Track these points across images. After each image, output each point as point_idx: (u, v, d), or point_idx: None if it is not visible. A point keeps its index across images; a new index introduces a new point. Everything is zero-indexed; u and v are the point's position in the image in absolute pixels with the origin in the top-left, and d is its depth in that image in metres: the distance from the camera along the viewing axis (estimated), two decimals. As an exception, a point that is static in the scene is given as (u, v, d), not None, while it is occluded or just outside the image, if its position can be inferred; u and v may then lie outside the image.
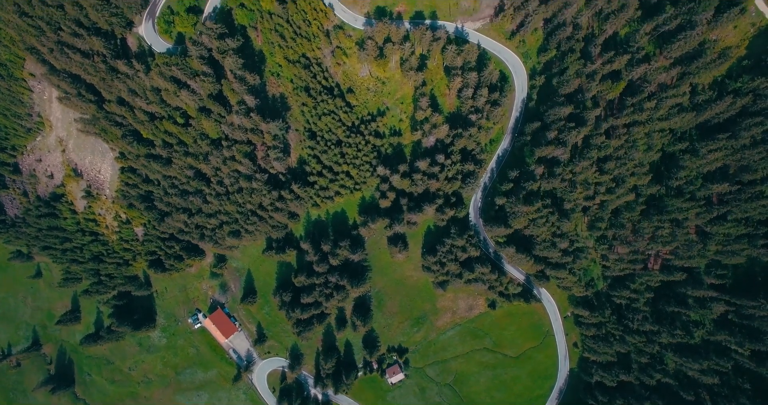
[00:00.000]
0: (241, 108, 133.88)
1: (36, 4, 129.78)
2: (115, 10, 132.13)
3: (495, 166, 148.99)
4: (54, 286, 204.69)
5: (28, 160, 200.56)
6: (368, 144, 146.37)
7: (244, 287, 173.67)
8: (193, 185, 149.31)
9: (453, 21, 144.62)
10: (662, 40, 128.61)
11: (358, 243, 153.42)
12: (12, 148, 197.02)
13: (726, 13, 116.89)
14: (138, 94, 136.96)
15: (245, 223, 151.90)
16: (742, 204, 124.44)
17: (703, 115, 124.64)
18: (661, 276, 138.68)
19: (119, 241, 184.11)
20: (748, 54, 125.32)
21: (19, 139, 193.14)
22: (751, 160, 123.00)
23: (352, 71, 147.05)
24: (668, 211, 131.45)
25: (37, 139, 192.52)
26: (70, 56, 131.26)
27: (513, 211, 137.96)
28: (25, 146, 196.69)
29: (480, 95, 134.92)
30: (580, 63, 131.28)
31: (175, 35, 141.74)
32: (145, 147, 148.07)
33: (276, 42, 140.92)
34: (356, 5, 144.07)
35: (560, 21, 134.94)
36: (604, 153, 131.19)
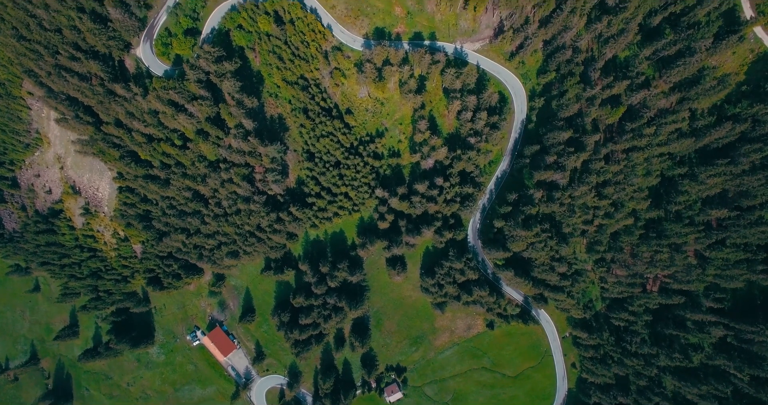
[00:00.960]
0: (239, 131, 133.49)
1: (34, 28, 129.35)
2: (112, 34, 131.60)
3: (494, 188, 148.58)
4: (52, 300, 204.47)
5: (26, 174, 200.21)
6: (367, 165, 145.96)
7: (243, 305, 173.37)
8: (191, 206, 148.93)
9: (452, 42, 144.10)
10: (662, 64, 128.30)
11: (356, 264, 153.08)
12: (10, 162, 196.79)
13: (725, 41, 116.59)
14: (136, 116, 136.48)
15: (243, 244, 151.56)
16: (741, 230, 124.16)
17: (703, 141, 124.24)
18: (660, 299, 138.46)
19: (117, 257, 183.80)
20: (747, 79, 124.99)
21: (17, 154, 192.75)
22: (750, 186, 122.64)
23: (350, 92, 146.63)
24: (667, 236, 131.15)
25: (35, 154, 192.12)
26: (67, 79, 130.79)
27: (511, 235, 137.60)
28: (23, 161, 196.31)
29: (479, 118, 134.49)
30: (580, 87, 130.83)
31: (173, 57, 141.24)
32: (143, 168, 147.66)
33: (274, 64, 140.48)
34: (355, 26, 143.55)
35: (560, 44, 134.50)
36: (603, 178, 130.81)
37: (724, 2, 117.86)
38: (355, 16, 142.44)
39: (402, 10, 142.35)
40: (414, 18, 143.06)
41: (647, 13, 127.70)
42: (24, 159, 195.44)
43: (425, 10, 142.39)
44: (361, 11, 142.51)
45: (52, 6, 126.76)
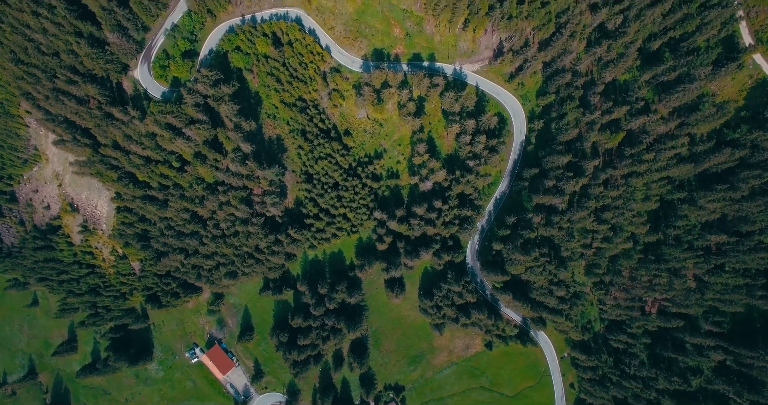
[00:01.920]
0: (237, 155, 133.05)
1: (32, 52, 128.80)
2: (110, 57, 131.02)
3: (493, 209, 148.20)
4: (51, 314, 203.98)
5: (24, 189, 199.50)
6: (365, 187, 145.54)
7: (242, 323, 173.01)
8: (189, 228, 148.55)
9: (451, 63, 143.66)
10: (661, 89, 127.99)
11: (355, 285, 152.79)
12: (8, 177, 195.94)
13: (724, 68, 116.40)
14: (133, 139, 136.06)
15: (242, 265, 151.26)
16: (740, 255, 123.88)
17: (702, 166, 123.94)
18: (658, 321, 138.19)
19: (116, 274, 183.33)
20: (746, 105, 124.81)
21: (15, 169, 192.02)
22: (749, 212, 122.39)
23: (349, 113, 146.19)
24: (666, 260, 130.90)
25: (33, 169, 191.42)
26: (65, 103, 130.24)
27: (510, 258, 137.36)
28: (22, 175, 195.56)
29: (478, 142, 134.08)
30: (579, 111, 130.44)
31: (171, 78, 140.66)
32: (140, 189, 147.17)
33: (272, 85, 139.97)
34: (353, 47, 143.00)
35: (559, 66, 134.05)
36: (602, 203, 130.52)
37: (723, 29, 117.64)
38: (354, 38, 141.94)
39: (401, 31, 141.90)
40: (413, 39, 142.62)
41: (647, 38, 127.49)
42: (22, 174, 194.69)
43: (424, 31, 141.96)
44: (360, 32, 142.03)
45: (50, 30, 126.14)
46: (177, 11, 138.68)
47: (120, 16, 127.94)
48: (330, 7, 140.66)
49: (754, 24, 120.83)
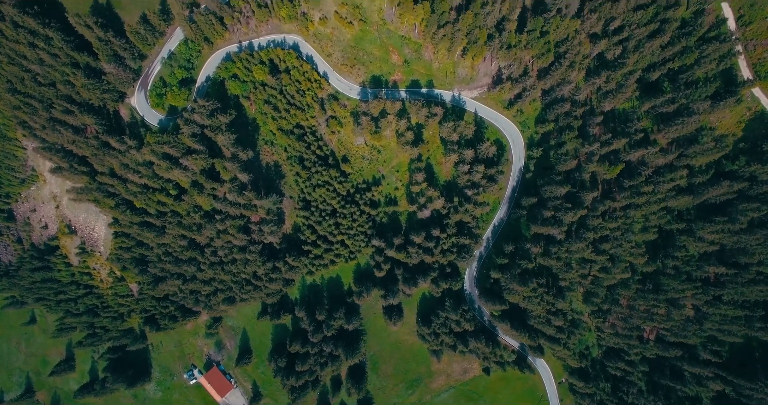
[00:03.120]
0: (234, 185, 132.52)
1: (28, 83, 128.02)
2: (107, 87, 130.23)
3: (491, 236, 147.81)
4: (48, 333, 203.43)
5: (22, 207, 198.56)
6: (363, 214, 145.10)
7: (240, 346, 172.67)
8: (187, 254, 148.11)
9: (450, 89, 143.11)
10: (661, 118, 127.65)
11: (353, 311, 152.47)
12: (6, 195, 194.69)
13: (723, 102, 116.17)
14: (130, 167, 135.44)
15: (240, 291, 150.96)
16: (739, 287, 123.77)
17: (701, 198, 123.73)
18: (656, 349, 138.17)
19: (114, 296, 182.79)
20: (745, 136, 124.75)
21: (13, 188, 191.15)
22: (748, 244, 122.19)
23: (347, 139, 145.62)
24: (664, 291, 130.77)
25: (31, 188, 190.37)
26: (61, 132, 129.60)
27: (508, 287, 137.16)
28: (19, 194, 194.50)
29: (476, 171, 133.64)
30: (578, 141, 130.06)
31: (168, 106, 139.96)
32: (138, 215, 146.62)
33: (269, 113, 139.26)
34: (351, 74, 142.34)
35: (558, 95, 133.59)
36: (600, 234, 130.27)
37: (722, 63, 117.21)
38: (352, 65, 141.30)
39: (399, 58, 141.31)
40: (411, 66, 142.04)
41: (646, 68, 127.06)
42: (20, 192, 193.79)
43: (423, 58, 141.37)
44: (358, 59, 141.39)
45: (47, 61, 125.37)
46: (174, 39, 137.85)
47: (116, 46, 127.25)
48: (328, 34, 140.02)
49: (752, 57, 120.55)
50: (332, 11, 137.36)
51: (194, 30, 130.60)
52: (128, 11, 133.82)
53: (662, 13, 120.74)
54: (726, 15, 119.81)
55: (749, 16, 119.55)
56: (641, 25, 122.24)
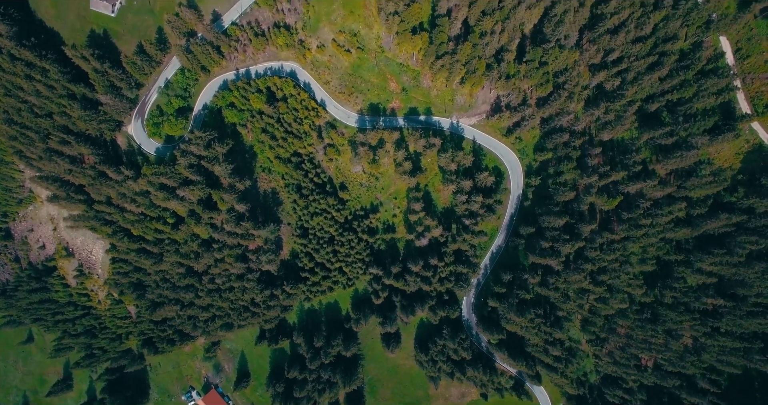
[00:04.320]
0: (232, 216, 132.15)
1: (25, 114, 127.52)
2: (103, 117, 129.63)
3: (489, 263, 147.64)
4: (46, 351, 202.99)
5: (19, 226, 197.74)
6: (361, 242, 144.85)
7: (238, 369, 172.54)
8: (185, 282, 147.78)
9: (448, 117, 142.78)
10: (660, 149, 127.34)
11: (351, 337, 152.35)
12: (3, 214, 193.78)
13: (721, 136, 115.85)
14: (127, 197, 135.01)
15: (238, 318, 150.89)
16: (737, 319, 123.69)
17: (699, 231, 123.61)
18: (654, 378, 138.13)
19: (111, 317, 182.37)
20: (743, 168, 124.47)
21: (10, 207, 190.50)
22: (746, 277, 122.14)
23: (344, 167, 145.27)
24: (662, 321, 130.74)
25: (28, 208, 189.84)
26: (58, 163, 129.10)
27: (505, 317, 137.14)
28: (17, 213, 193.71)
29: (474, 201, 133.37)
30: (576, 172, 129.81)
31: (165, 135, 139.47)
32: (135, 243, 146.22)
33: (266, 142, 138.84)
34: (349, 102, 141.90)
35: (557, 125, 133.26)
36: (598, 266, 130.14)
37: (720, 97, 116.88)
38: (349, 93, 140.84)
39: (397, 85, 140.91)
40: (409, 93, 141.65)
41: (645, 98, 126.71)
42: (17, 211, 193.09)
43: (421, 86, 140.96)
44: (356, 87, 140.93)
45: (43, 93, 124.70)
46: (170, 67, 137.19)
47: (113, 77, 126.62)
48: (325, 62, 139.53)
49: (750, 90, 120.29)
50: (330, 39, 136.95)
51: (191, 60, 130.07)
52: (125, 41, 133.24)
53: (661, 45, 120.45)
54: (724, 48, 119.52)
55: (747, 50, 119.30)
56: (640, 57, 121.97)
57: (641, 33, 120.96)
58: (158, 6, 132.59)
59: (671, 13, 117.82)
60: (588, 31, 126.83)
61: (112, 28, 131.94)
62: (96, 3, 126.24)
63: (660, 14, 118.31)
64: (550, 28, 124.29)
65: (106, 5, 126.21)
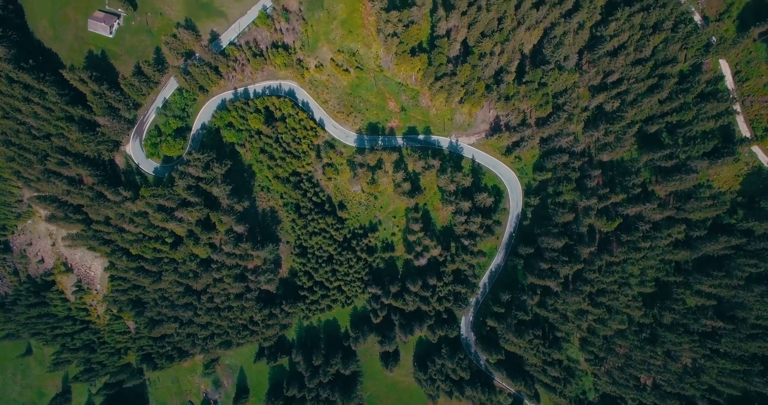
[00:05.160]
0: (230, 237, 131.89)
1: (23, 135, 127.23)
2: (101, 139, 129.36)
3: (487, 281, 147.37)
4: (45, 365, 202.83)
5: (18, 240, 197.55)
6: (360, 261, 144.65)
7: (237, 384, 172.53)
8: (183, 300, 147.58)
9: (447, 136, 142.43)
10: (659, 170, 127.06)
11: (349, 355, 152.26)
12: (2, 227, 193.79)
13: (720, 160, 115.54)
14: (125, 217, 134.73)
15: (237, 336, 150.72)
16: (737, 342, 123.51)
17: (698, 253, 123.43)
18: (654, 398, 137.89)
19: (110, 332, 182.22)
20: (742, 190, 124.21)
21: (9, 221, 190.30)
22: (745, 300, 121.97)
23: (343, 186, 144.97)
24: (661, 343, 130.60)
25: (27, 222, 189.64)
26: (56, 184, 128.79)
27: (504, 337, 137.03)
28: (16, 226, 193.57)
29: (473, 222, 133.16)
30: (576, 194, 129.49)
31: (163, 155, 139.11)
32: (134, 261, 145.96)
33: (265, 162, 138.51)
34: (348, 121, 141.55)
35: (556, 146, 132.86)
36: (597, 287, 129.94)
37: (720, 120, 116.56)
38: (348, 112, 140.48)
39: (396, 104, 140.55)
40: (408, 113, 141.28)
41: (645, 120, 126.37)
42: (16, 224, 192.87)
43: (420, 105, 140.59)
44: (354, 107, 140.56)
45: (41, 115, 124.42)
46: (168, 87, 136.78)
47: (111, 99, 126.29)
48: (324, 81, 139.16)
49: (749, 113, 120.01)
50: (328, 58, 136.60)
51: (188, 81, 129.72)
52: (123, 61, 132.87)
53: (660, 67, 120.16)
54: (723, 71, 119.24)
55: (746, 73, 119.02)
56: (639, 79, 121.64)
57: (641, 55, 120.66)
58: (156, 26, 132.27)
59: (671, 35, 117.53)
60: (588, 52, 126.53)
61: (110, 49, 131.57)
62: (94, 25, 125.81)
63: (659, 37, 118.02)
64: (550, 49, 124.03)
65: (103, 27, 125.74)
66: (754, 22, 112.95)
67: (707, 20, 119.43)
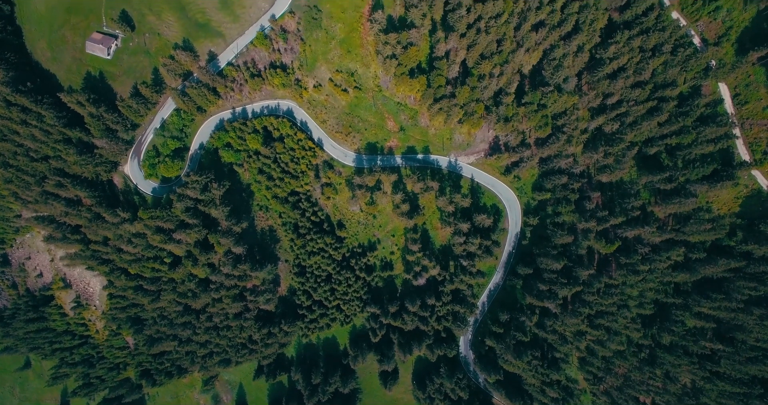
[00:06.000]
0: (229, 259, 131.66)
1: (21, 158, 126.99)
2: (99, 160, 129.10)
3: (486, 300, 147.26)
4: (43, 377, 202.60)
5: (17, 253, 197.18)
6: (359, 280, 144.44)
7: (236, 401, 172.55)
8: (182, 320, 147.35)
9: (446, 155, 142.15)
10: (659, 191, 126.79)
11: (348, 373, 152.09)
12: (1, 241, 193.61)
13: (720, 183, 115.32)
14: (124, 238, 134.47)
15: (236, 354, 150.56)
16: (736, 365, 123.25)
17: (697, 276, 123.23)
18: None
19: (109, 348, 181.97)
20: (742, 212, 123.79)
21: (8, 235, 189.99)
22: (745, 322, 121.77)
23: (342, 205, 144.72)
24: (660, 364, 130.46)
25: (26, 236, 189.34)
26: (54, 206, 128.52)
27: (503, 357, 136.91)
28: (14, 239, 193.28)
29: (472, 243, 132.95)
30: (575, 216, 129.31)
31: (161, 176, 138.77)
32: (132, 280, 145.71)
33: (263, 182, 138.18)
34: (346, 141, 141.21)
35: (555, 166, 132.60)
36: (596, 309, 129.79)
37: (719, 144, 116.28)
38: (347, 132, 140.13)
39: (395, 124, 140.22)
40: (407, 132, 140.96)
41: (644, 142, 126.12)
42: (15, 238, 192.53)
43: (419, 124, 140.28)
44: (353, 126, 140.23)
45: (39, 137, 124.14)
46: (166, 107, 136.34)
47: (108, 121, 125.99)
48: (322, 101, 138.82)
49: (749, 136, 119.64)
50: (327, 78, 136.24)
51: (186, 102, 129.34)
52: (120, 82, 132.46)
53: (660, 90, 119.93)
54: (723, 95, 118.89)
55: (745, 96, 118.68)
56: (639, 102, 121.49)
57: (640, 78, 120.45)
58: (154, 47, 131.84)
59: (670, 59, 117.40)
60: (587, 74, 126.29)
61: (108, 70, 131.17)
62: (92, 47, 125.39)
63: (659, 60, 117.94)
64: (549, 71, 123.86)
65: (101, 49, 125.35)
66: (752, 46, 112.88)
67: (706, 43, 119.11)
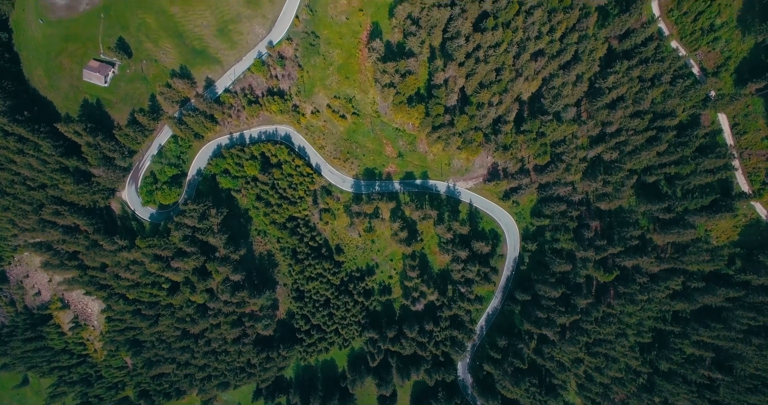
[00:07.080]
0: (227, 286, 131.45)
1: (18, 186, 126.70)
2: (96, 188, 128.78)
3: (485, 324, 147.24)
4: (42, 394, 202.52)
5: (15, 270, 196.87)
6: (357, 304, 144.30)
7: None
8: (180, 344, 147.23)
9: (445, 180, 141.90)
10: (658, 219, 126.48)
11: (346, 396, 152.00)
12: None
13: (719, 214, 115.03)
14: (122, 265, 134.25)
15: (234, 378, 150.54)
16: (735, 394, 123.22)
17: (696, 305, 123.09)
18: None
19: (108, 367, 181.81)
20: (740, 241, 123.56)
21: (5, 253, 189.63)
22: (744, 352, 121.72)
23: (340, 230, 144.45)
24: (659, 392, 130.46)
25: (24, 254, 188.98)
26: (51, 233, 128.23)
27: (500, 383, 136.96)
28: (12, 257, 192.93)
29: (470, 269, 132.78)
30: (573, 244, 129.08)
31: (159, 202, 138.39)
32: (131, 305, 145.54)
33: (261, 208, 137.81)
34: (344, 167, 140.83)
35: (554, 194, 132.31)
36: (594, 337, 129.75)
37: (718, 174, 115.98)
38: (345, 158, 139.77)
39: (393, 150, 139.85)
40: (405, 158, 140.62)
41: (643, 170, 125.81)
42: (13, 255, 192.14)
43: (417, 150, 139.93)
44: (351, 152, 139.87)
45: (36, 166, 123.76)
46: (163, 133, 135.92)
47: (105, 149, 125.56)
48: (320, 127, 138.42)
49: (747, 165, 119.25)
50: (324, 104, 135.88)
51: (183, 130, 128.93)
52: (118, 109, 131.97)
53: (659, 120, 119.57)
54: (722, 125, 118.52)
55: (744, 126, 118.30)
56: (638, 131, 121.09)
57: (639, 107, 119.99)
58: (151, 74, 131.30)
59: (669, 89, 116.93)
60: (587, 102, 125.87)
61: (105, 97, 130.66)
62: (88, 75, 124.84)
63: (658, 90, 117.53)
64: (549, 100, 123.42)
65: (98, 77, 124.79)
66: (750, 77, 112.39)
67: (705, 73, 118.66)
